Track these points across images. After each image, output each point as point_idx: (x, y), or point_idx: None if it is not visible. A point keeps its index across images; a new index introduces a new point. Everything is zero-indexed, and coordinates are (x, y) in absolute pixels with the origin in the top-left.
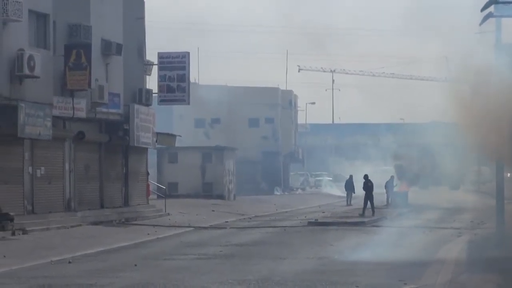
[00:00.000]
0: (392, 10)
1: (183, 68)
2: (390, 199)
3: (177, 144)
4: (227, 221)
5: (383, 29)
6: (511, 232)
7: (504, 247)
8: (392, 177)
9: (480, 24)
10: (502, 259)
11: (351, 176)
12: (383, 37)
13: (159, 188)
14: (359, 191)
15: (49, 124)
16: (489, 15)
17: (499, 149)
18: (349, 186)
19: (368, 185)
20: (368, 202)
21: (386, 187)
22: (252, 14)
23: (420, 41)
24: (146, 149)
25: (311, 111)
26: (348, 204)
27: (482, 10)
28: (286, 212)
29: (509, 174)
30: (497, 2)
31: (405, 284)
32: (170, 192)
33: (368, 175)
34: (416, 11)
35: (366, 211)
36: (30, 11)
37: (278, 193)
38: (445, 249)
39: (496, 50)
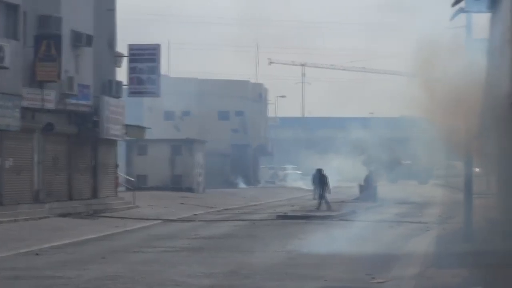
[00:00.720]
0: (363, 5)
1: (154, 60)
2: (372, 194)
3: (146, 137)
4: (195, 214)
5: (353, 24)
6: (478, 227)
7: (471, 242)
8: (371, 171)
9: (451, 19)
10: (469, 253)
11: (317, 170)
12: (354, 32)
13: (128, 181)
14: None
15: (18, 115)
16: (460, 10)
17: (467, 143)
18: (316, 180)
19: (322, 179)
20: (320, 194)
21: (365, 181)
22: (223, 6)
23: (390, 35)
24: (116, 141)
25: (282, 105)
26: (316, 198)
27: (453, 5)
28: (255, 205)
29: (477, 169)
30: None
31: (373, 278)
32: (139, 184)
33: (319, 169)
34: (387, 5)
35: (322, 204)
36: (0, 1)
37: (242, 186)
38: (413, 243)
39: (466, 45)
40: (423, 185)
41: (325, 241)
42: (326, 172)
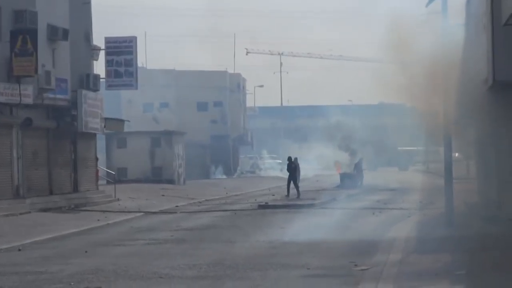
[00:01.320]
0: None
1: (130, 52)
2: (361, 181)
3: (125, 129)
4: (177, 206)
5: (330, 12)
6: (459, 212)
7: (452, 227)
8: (361, 159)
9: (427, 6)
10: (451, 238)
11: (295, 159)
12: (331, 20)
13: (108, 174)
14: (303, 173)
15: None
16: None
17: (446, 128)
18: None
19: (291, 167)
20: (292, 183)
21: (355, 169)
22: None
23: (367, 23)
24: (95, 134)
25: (260, 94)
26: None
27: None
28: (236, 195)
29: (457, 154)
30: None
31: (355, 265)
32: (119, 177)
33: (292, 157)
34: None
35: (291, 191)
36: None
37: (218, 177)
38: (395, 229)
39: (442, 31)
40: (403, 171)
41: (307, 229)
42: (298, 160)
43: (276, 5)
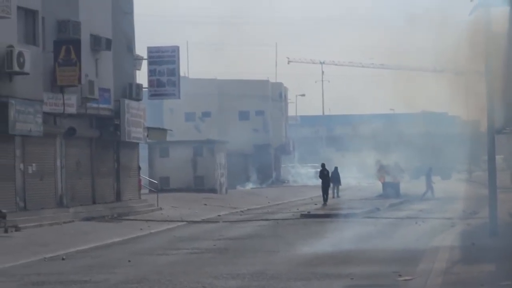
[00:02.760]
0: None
1: (173, 62)
2: (431, 191)
3: (168, 138)
4: (219, 215)
5: (373, 19)
6: (503, 222)
7: (497, 237)
8: (430, 168)
9: (470, 14)
10: (495, 248)
11: (336, 168)
12: (373, 28)
13: (150, 183)
14: (346, 182)
15: (39, 120)
16: (479, 5)
17: (489, 137)
18: (335, 178)
19: (324, 174)
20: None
21: (426, 179)
22: (240, 6)
23: (410, 31)
24: (137, 144)
25: (301, 103)
26: (335, 196)
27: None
28: (278, 204)
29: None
30: None
31: (399, 275)
32: (161, 186)
33: (325, 164)
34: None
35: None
36: (19, 7)
37: (252, 187)
38: (438, 239)
39: (486, 39)
40: (446, 180)
41: (350, 239)
42: (338, 169)
43: (317, 13)
